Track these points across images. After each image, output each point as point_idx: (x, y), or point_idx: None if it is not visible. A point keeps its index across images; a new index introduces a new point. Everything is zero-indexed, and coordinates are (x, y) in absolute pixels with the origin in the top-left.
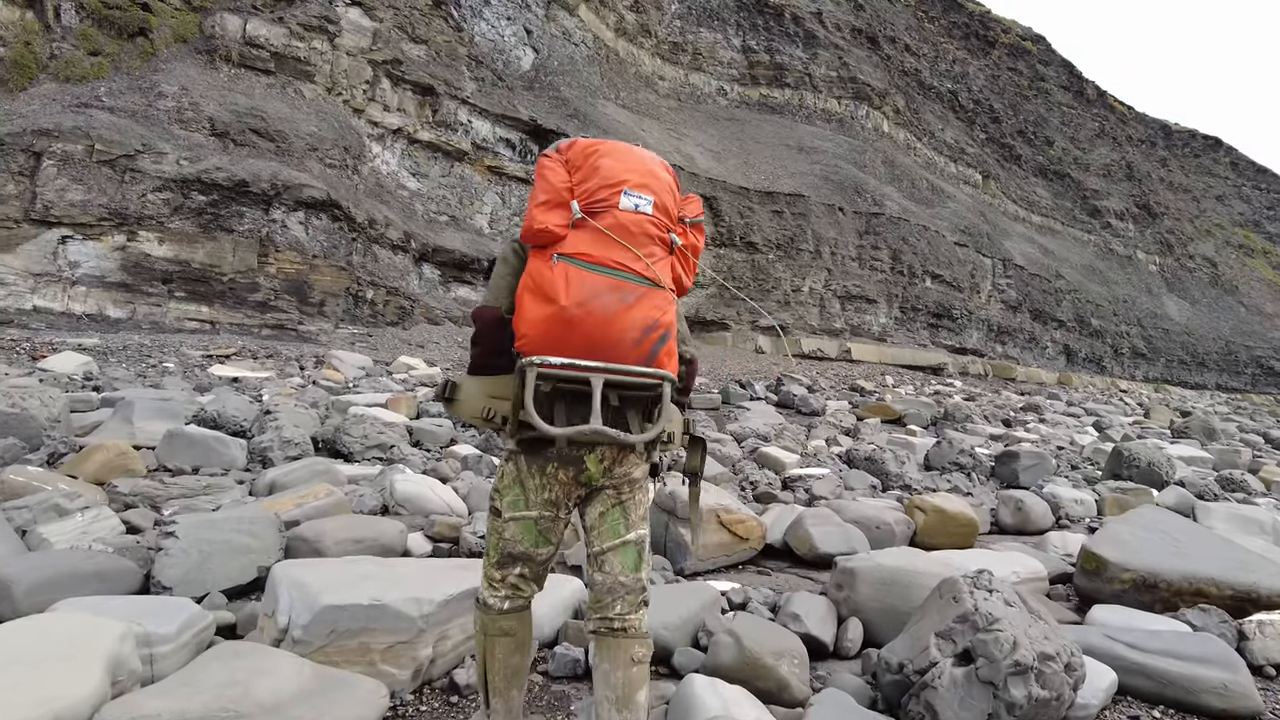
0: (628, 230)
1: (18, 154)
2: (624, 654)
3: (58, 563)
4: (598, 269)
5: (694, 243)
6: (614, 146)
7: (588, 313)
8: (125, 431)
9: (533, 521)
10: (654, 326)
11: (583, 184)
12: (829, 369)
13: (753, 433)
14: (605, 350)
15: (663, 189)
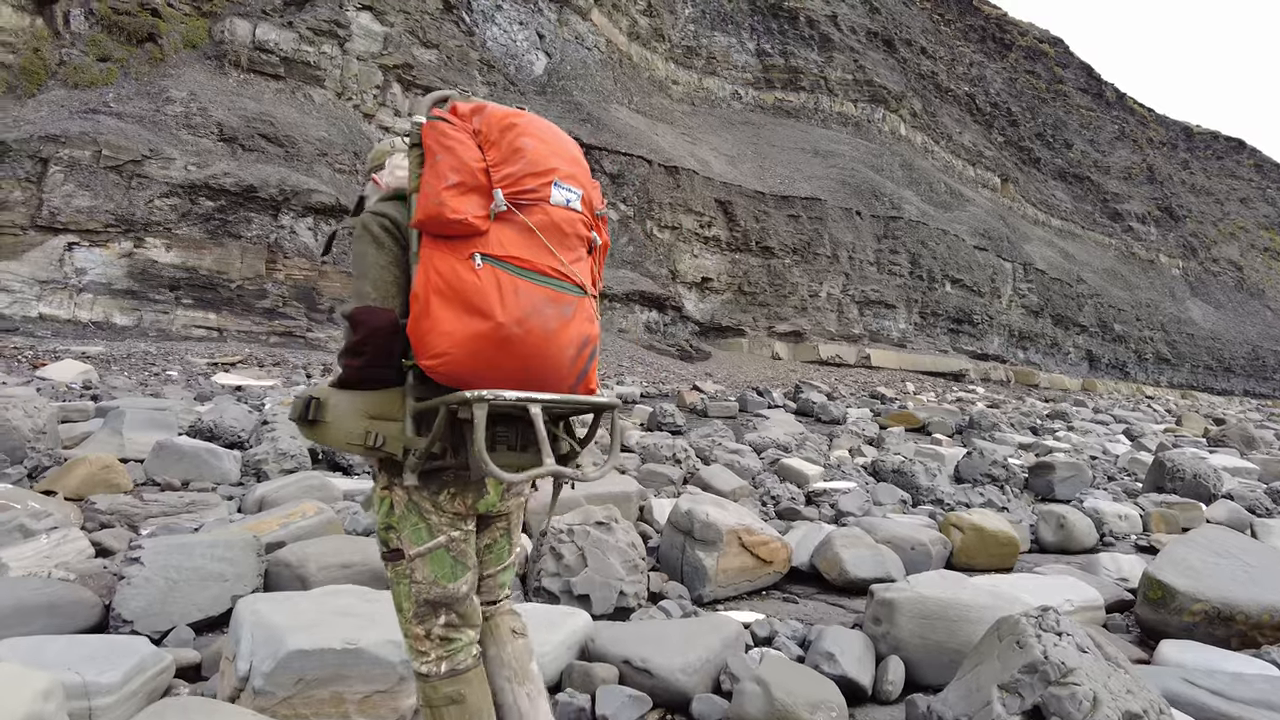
0: (560, 230)
1: (25, 160)
2: (505, 629)
3: (5, 595)
4: (534, 276)
5: (606, 240)
6: (534, 122)
7: (527, 331)
8: (114, 443)
9: (443, 549)
10: (586, 343)
11: (502, 166)
12: (848, 375)
13: (772, 443)
14: (541, 372)
15: (587, 180)
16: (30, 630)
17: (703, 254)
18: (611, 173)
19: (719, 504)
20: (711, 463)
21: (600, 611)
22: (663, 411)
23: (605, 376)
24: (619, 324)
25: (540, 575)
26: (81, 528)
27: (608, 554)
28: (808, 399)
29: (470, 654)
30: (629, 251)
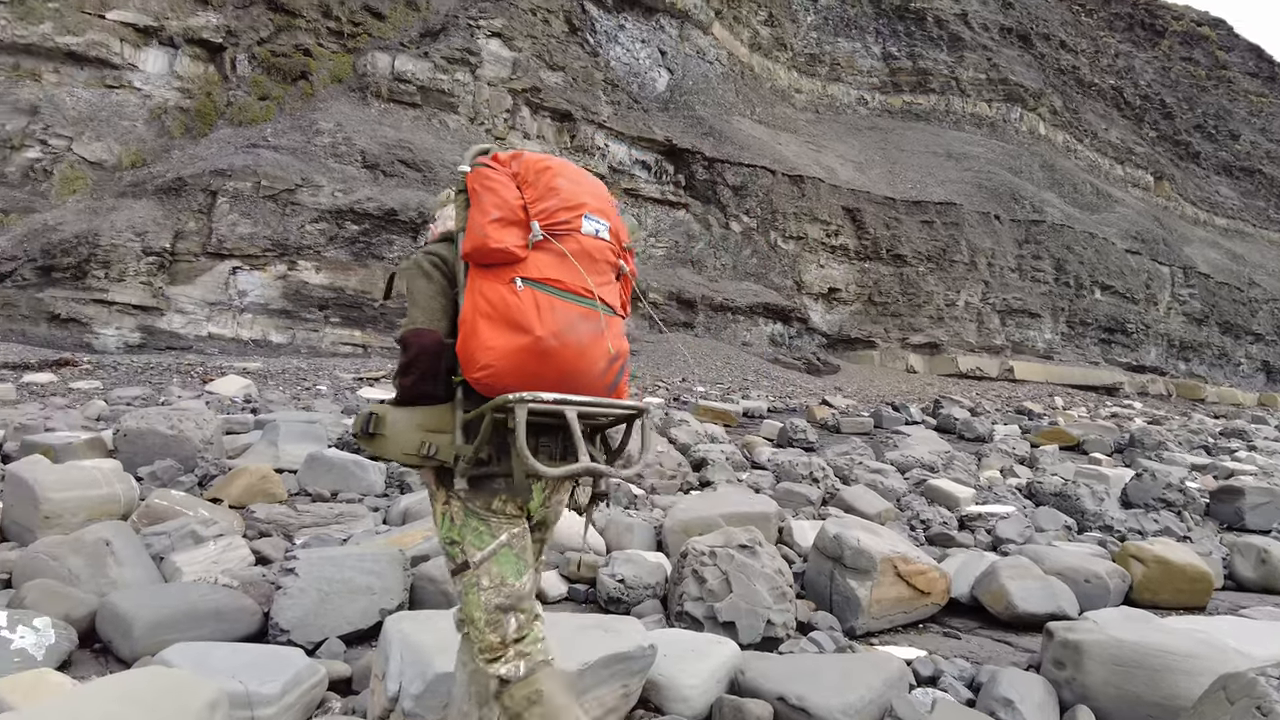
0: (590, 256)
1: (198, 193)
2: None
3: (177, 600)
4: (569, 297)
5: (633, 269)
6: (566, 166)
7: (564, 344)
8: (270, 454)
9: (507, 548)
10: (616, 357)
11: (539, 203)
12: (989, 389)
13: (917, 462)
14: (575, 382)
15: (614, 215)
16: (199, 635)
17: (830, 264)
18: (734, 185)
19: (870, 529)
20: (852, 483)
21: (747, 641)
22: (793, 427)
23: (729, 390)
24: (742, 337)
25: (683, 599)
26: (243, 535)
27: (753, 580)
28: (949, 415)
29: (546, 654)
30: (753, 263)
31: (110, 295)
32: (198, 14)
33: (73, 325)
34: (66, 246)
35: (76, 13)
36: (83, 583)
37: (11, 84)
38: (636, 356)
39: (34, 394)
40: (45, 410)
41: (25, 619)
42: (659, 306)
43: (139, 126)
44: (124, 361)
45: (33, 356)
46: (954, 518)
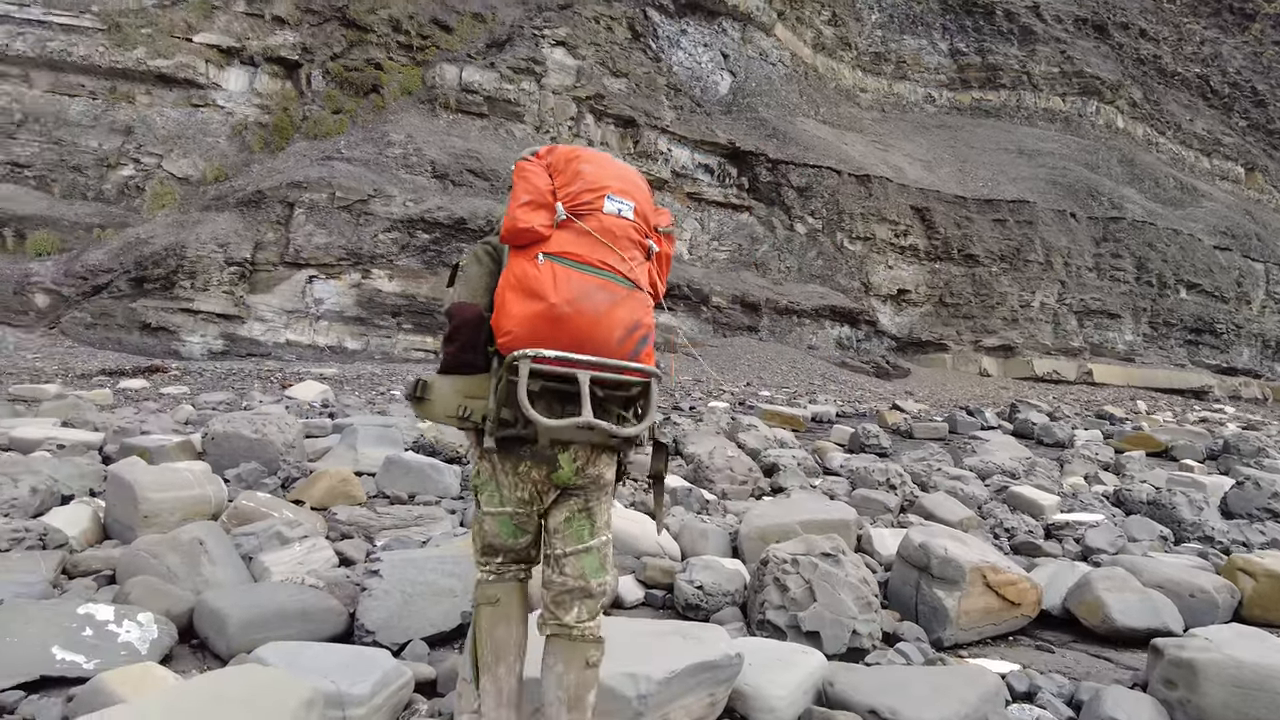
0: (611, 233)
1: (276, 205)
2: (579, 657)
3: (268, 600)
4: (586, 268)
5: (667, 251)
6: (594, 154)
7: (578, 311)
8: (349, 457)
9: (508, 517)
10: (636, 326)
11: (566, 187)
12: (1067, 393)
13: (997, 468)
14: (592, 348)
15: (642, 197)
16: (288, 634)
17: (898, 265)
18: (799, 186)
19: (956, 537)
20: (931, 489)
21: (832, 651)
22: (865, 432)
23: (796, 395)
24: (808, 340)
25: (764, 608)
26: (326, 537)
27: (838, 589)
28: (1026, 419)
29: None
30: (818, 265)
31: (195, 304)
32: (276, 33)
33: (162, 333)
34: (156, 258)
35: (167, 37)
36: (180, 580)
37: (109, 106)
38: (698, 361)
39: (129, 399)
40: (140, 414)
41: (130, 614)
42: (722, 310)
43: (222, 142)
44: (208, 368)
45: (127, 363)
46: (1040, 526)
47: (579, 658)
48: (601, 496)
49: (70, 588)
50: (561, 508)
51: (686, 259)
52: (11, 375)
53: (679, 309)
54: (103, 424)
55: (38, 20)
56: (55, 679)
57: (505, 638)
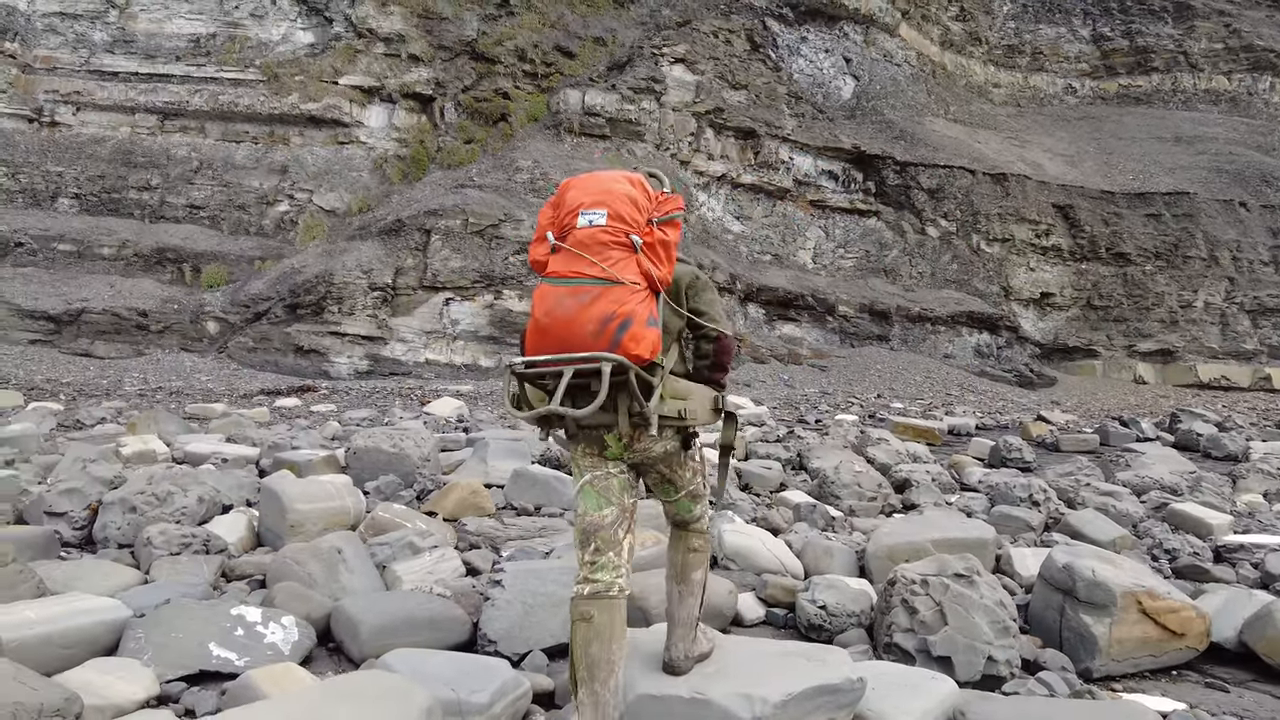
0: (583, 244)
1: (414, 233)
2: (683, 544)
3: (397, 608)
4: (560, 281)
5: (662, 237)
6: (584, 179)
7: (553, 319)
8: (480, 470)
9: (588, 485)
10: (612, 317)
11: (557, 217)
12: (1239, 401)
13: (1155, 483)
14: (569, 346)
15: (617, 200)
16: (415, 641)
17: (1040, 266)
18: (929, 188)
19: (1105, 558)
20: (1079, 506)
21: (965, 678)
22: (1007, 445)
23: (931, 406)
24: (944, 349)
25: (891, 630)
26: (455, 547)
27: (971, 611)
28: (1189, 430)
29: (610, 587)
30: (953, 270)
31: (343, 327)
32: (411, 70)
33: (313, 355)
34: (307, 286)
35: (316, 82)
36: (319, 586)
37: (267, 149)
38: (826, 372)
39: (283, 416)
40: (291, 430)
41: (275, 616)
42: (850, 319)
43: (365, 176)
44: (354, 386)
45: (283, 384)
46: (1207, 548)
47: (683, 544)
48: (673, 464)
49: (228, 590)
50: (648, 476)
51: (810, 268)
52: (188, 396)
53: (804, 319)
54: (260, 440)
55: (211, 77)
56: (211, 674)
57: (599, 655)
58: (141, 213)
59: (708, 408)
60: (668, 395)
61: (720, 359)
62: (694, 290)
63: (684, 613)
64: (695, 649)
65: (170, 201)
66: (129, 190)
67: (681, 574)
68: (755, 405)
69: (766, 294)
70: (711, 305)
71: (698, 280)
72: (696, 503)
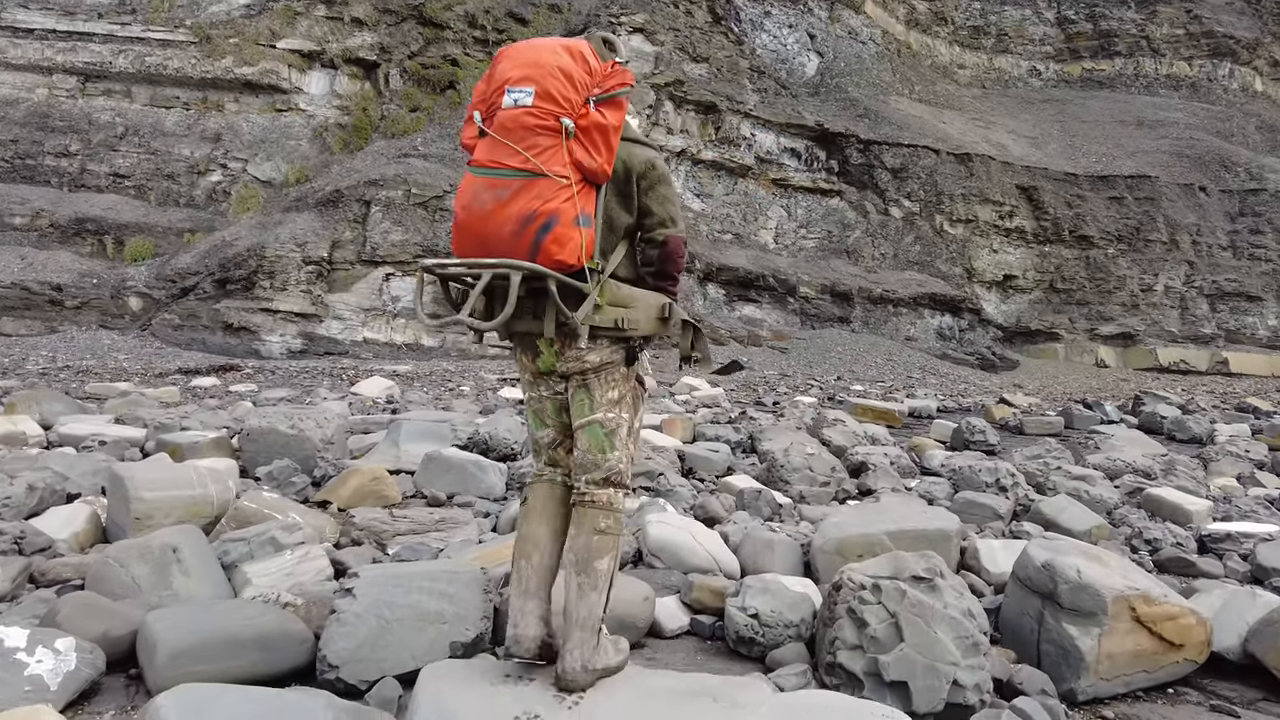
0: (505, 128)
1: (353, 204)
2: (589, 523)
3: (215, 623)
4: (479, 171)
5: (599, 120)
6: (517, 45)
7: (470, 215)
8: (392, 455)
9: (528, 404)
10: (532, 217)
11: (483, 93)
12: (1198, 384)
13: (1127, 466)
14: (488, 247)
15: (548, 75)
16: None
17: (1004, 248)
18: (893, 167)
19: (1090, 554)
20: (1049, 492)
21: (924, 709)
22: (970, 427)
23: (892, 389)
24: (905, 331)
25: (835, 647)
26: (336, 544)
27: (933, 624)
28: (1153, 413)
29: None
30: (915, 251)
31: (275, 304)
32: (354, 35)
33: (243, 333)
34: (238, 260)
35: (252, 45)
36: (144, 593)
37: (200, 116)
38: (786, 354)
39: (196, 396)
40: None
41: (48, 639)
42: (811, 301)
43: (303, 145)
44: (283, 366)
45: (207, 363)
46: (1191, 537)
47: (589, 524)
48: (600, 377)
49: (24, 600)
50: (570, 390)
51: (772, 248)
52: (97, 375)
53: (764, 300)
54: (149, 420)
55: (137, 37)
56: None
57: (529, 533)
58: (59, 180)
59: (652, 316)
60: (606, 302)
61: (666, 266)
62: (646, 182)
63: (584, 611)
64: (598, 659)
65: (91, 169)
66: (45, 156)
67: (584, 561)
68: (711, 387)
69: (727, 274)
70: (664, 203)
71: (653, 169)
72: (610, 445)
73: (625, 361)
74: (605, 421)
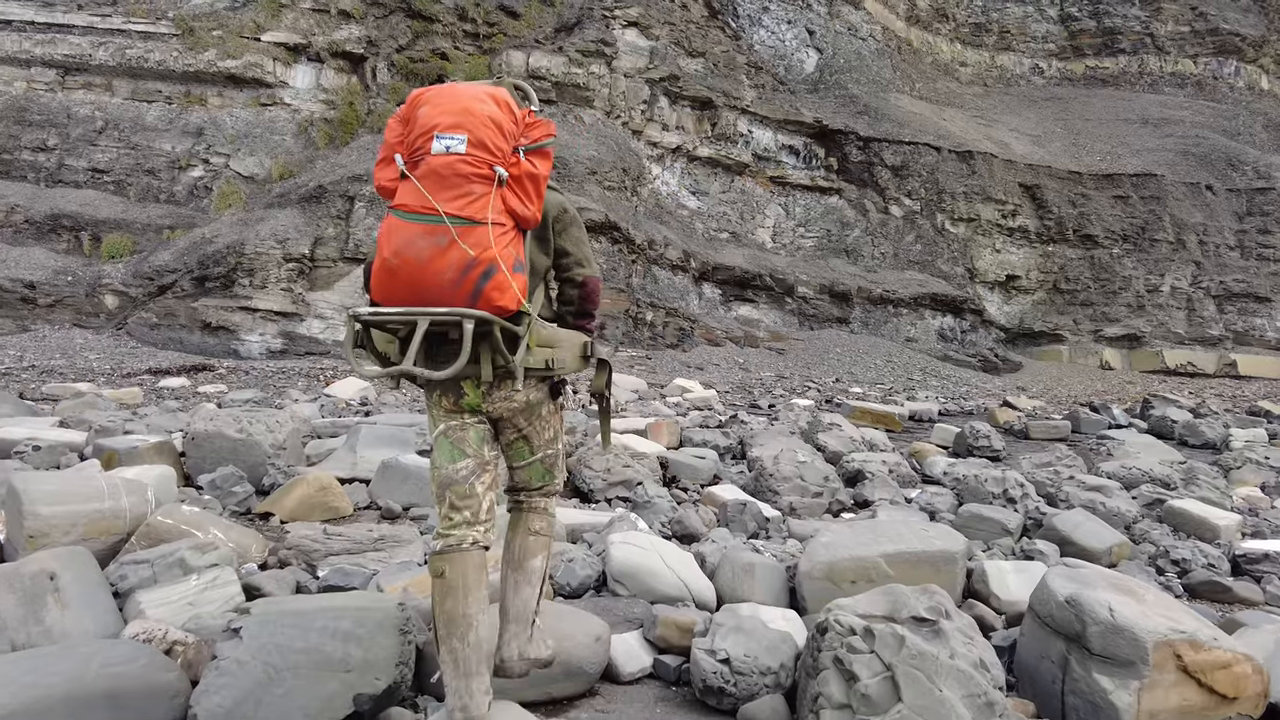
0: (438, 174)
1: (337, 200)
2: (524, 525)
3: (60, 674)
4: (411, 216)
5: (530, 170)
6: (438, 91)
7: (404, 261)
8: (347, 461)
9: (442, 435)
10: (473, 264)
11: (406, 136)
12: (1206, 387)
13: (1144, 475)
14: (425, 294)
15: (479, 123)
16: None
17: (1006, 248)
18: (893, 165)
19: (1122, 586)
20: (1061, 503)
21: None
22: (974, 432)
23: (891, 391)
24: (906, 332)
25: (818, 705)
26: (263, 564)
27: (938, 679)
28: (1163, 417)
29: (463, 541)
30: (916, 250)
31: (254, 302)
32: (341, 27)
33: (222, 332)
34: (218, 257)
35: (236, 38)
36: (10, 630)
37: (182, 110)
38: (784, 355)
39: (162, 398)
40: (156, 413)
41: None
42: (809, 301)
43: (288, 140)
44: (258, 366)
45: (184, 362)
46: (1222, 557)
47: (524, 526)
48: (533, 420)
49: None
50: (503, 433)
51: (770, 247)
52: (63, 375)
53: (761, 300)
54: (91, 422)
55: (118, 29)
56: None
57: (453, 611)
58: (36, 176)
59: (576, 355)
60: (534, 344)
61: (586, 305)
62: (561, 225)
63: (519, 605)
64: (532, 650)
65: (70, 164)
66: (22, 151)
67: (519, 560)
68: (705, 389)
69: (723, 273)
70: (579, 245)
71: (565, 213)
72: (553, 473)
73: (551, 397)
74: (545, 459)
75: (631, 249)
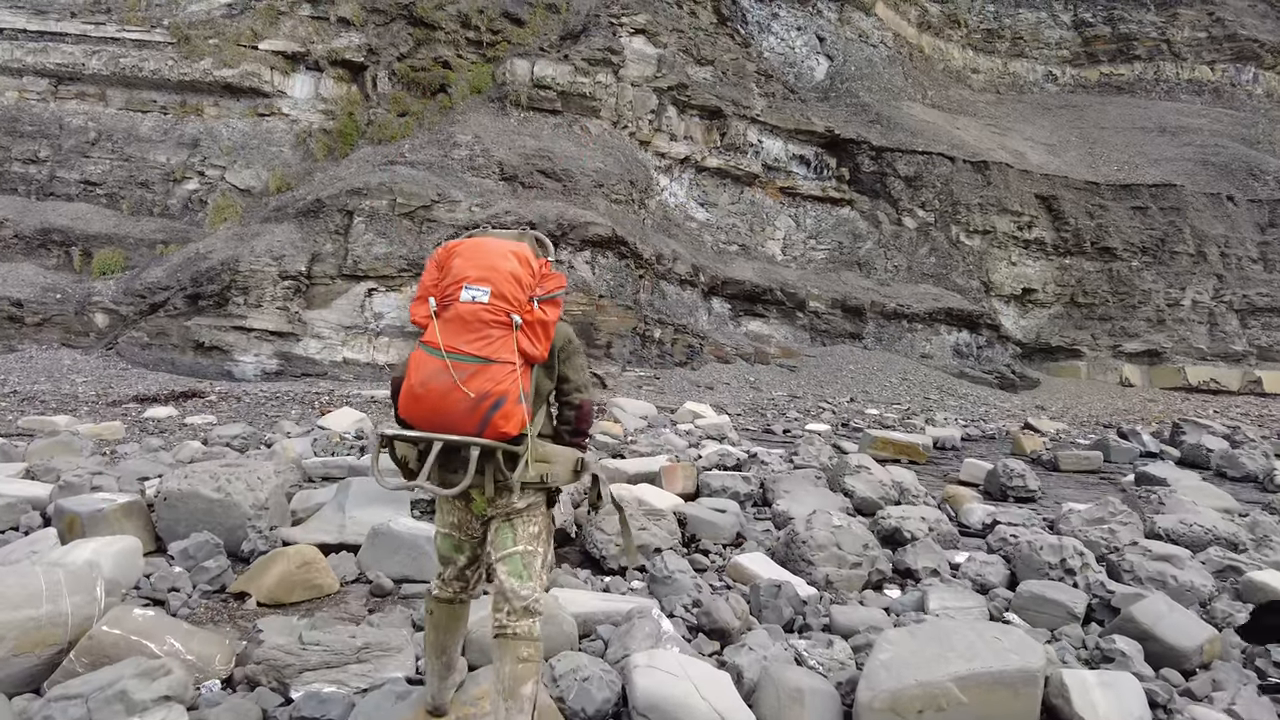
0: (463, 319)
1: (335, 214)
2: (511, 654)
3: None
4: (436, 353)
5: (542, 317)
6: (470, 245)
7: (427, 390)
8: (335, 524)
9: (445, 534)
10: (485, 396)
11: (441, 281)
12: (1231, 405)
13: (1207, 532)
14: (442, 419)
15: (502, 278)
16: None
17: (1023, 260)
18: (906, 175)
19: None
20: (1125, 575)
21: None
22: (1006, 470)
23: (909, 412)
24: (921, 348)
25: None
26: (227, 680)
27: None
28: (1196, 444)
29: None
30: (930, 263)
31: (249, 321)
32: (341, 35)
33: (215, 353)
34: (212, 274)
35: (233, 46)
36: None
37: (177, 120)
38: (796, 373)
39: (145, 432)
40: (136, 453)
41: None
42: (821, 316)
43: (285, 151)
44: (251, 391)
45: (175, 386)
46: None
47: (511, 654)
48: (524, 516)
49: None
50: (492, 524)
51: (780, 259)
52: (46, 402)
53: (772, 315)
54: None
55: (112, 38)
56: None
57: (434, 640)
58: (27, 188)
59: (569, 469)
60: (532, 460)
61: (581, 425)
62: (565, 354)
63: None
64: None
65: (61, 176)
66: (13, 163)
67: (510, 688)
68: (717, 414)
69: (732, 287)
70: (579, 371)
71: (570, 344)
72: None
73: (546, 505)
74: (524, 553)
75: (639, 264)
